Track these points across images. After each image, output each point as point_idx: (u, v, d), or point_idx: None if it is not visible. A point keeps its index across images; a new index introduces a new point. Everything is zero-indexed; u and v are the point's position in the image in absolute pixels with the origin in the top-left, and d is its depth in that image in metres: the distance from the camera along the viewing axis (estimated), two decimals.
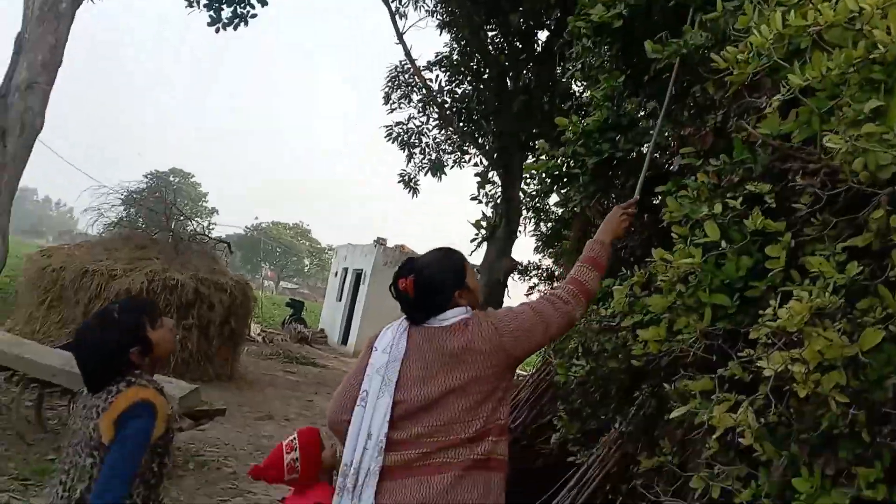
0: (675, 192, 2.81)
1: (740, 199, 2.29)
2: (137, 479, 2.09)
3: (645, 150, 3.43)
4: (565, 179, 3.80)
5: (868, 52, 1.55)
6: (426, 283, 2.30)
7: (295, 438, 2.65)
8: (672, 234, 2.57)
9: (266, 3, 10.64)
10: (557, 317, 2.28)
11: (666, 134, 3.38)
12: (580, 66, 4.08)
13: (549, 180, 3.85)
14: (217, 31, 10.59)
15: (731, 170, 2.52)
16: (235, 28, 10.57)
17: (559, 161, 3.69)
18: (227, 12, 10.50)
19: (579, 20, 3.68)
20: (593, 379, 3.23)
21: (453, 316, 2.28)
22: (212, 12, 10.48)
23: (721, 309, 2.28)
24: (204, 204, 61.78)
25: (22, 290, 10.59)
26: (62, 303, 9.74)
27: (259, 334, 17.12)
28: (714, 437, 2.08)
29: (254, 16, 10.63)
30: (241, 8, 10.45)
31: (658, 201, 3.53)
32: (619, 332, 2.90)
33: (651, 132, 3.37)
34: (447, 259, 2.40)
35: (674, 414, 2.22)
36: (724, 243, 2.27)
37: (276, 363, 14.27)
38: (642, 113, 3.71)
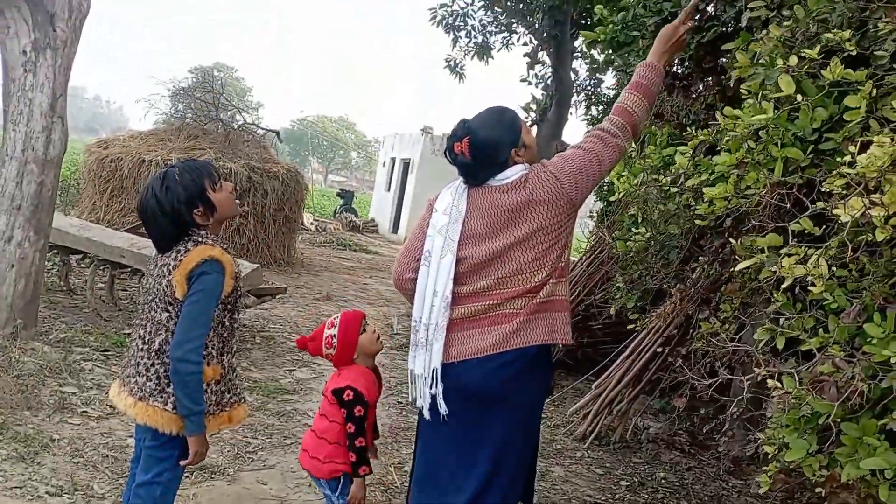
0: (746, 47, 2.67)
1: (817, 48, 2.15)
2: (211, 331, 2.23)
3: None
4: (624, 45, 3.65)
5: None
6: (482, 143, 2.26)
7: (338, 317, 2.72)
8: (741, 92, 2.47)
9: None
10: (608, 151, 2.26)
11: None
12: None
13: (608, 51, 3.70)
14: None
15: (806, 22, 2.37)
16: None
17: (618, 27, 3.53)
18: None
19: None
20: (653, 246, 3.22)
21: (512, 174, 2.28)
22: None
23: (793, 163, 2.22)
24: (249, 98, 61.60)
25: (84, 180, 10.93)
26: (122, 192, 10.05)
27: (311, 223, 17.45)
28: (781, 288, 2.08)
29: None
30: None
31: (723, 62, 3.38)
32: (682, 194, 2.85)
33: None
34: (501, 117, 2.35)
35: (740, 266, 2.20)
36: (798, 97, 2.17)
37: (330, 250, 14.61)
38: None
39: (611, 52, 3.68)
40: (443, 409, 2.25)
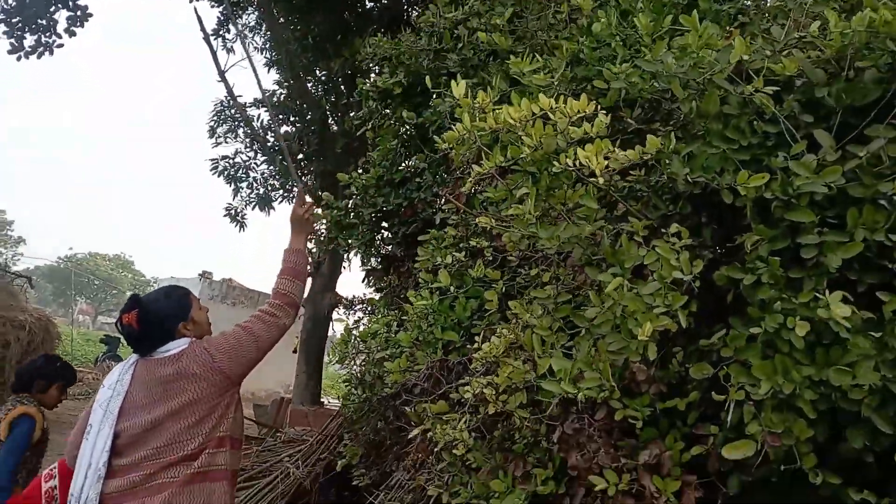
0: (433, 240, 3.28)
1: (464, 252, 2.77)
2: (21, 465, 3.49)
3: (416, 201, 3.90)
4: (347, 229, 4.18)
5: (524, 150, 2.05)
6: (149, 315, 2.47)
7: (55, 467, 2.69)
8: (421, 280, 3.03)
9: (74, 34, 10.09)
10: (266, 330, 2.55)
11: (434, 189, 3.85)
12: (370, 126, 4.48)
13: (335, 232, 4.20)
14: (18, 59, 9.92)
15: (465, 226, 3.03)
16: (39, 57, 9.80)
17: (343, 211, 4.09)
18: (30, 40, 9.72)
19: (365, 84, 4.11)
20: (368, 406, 3.61)
21: (175, 347, 2.48)
22: (13, 40, 9.65)
23: (452, 343, 2.75)
24: (9, 233, 56.14)
25: None
26: None
27: None
28: (437, 449, 2.52)
29: (60, 45, 9.88)
30: (45, 37, 9.76)
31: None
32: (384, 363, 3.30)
33: (420, 187, 3.85)
34: (171, 293, 2.63)
35: (412, 434, 2.62)
36: (452, 289, 2.74)
37: (84, 403, 13.41)
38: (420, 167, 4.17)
39: (337, 233, 4.19)
40: None
